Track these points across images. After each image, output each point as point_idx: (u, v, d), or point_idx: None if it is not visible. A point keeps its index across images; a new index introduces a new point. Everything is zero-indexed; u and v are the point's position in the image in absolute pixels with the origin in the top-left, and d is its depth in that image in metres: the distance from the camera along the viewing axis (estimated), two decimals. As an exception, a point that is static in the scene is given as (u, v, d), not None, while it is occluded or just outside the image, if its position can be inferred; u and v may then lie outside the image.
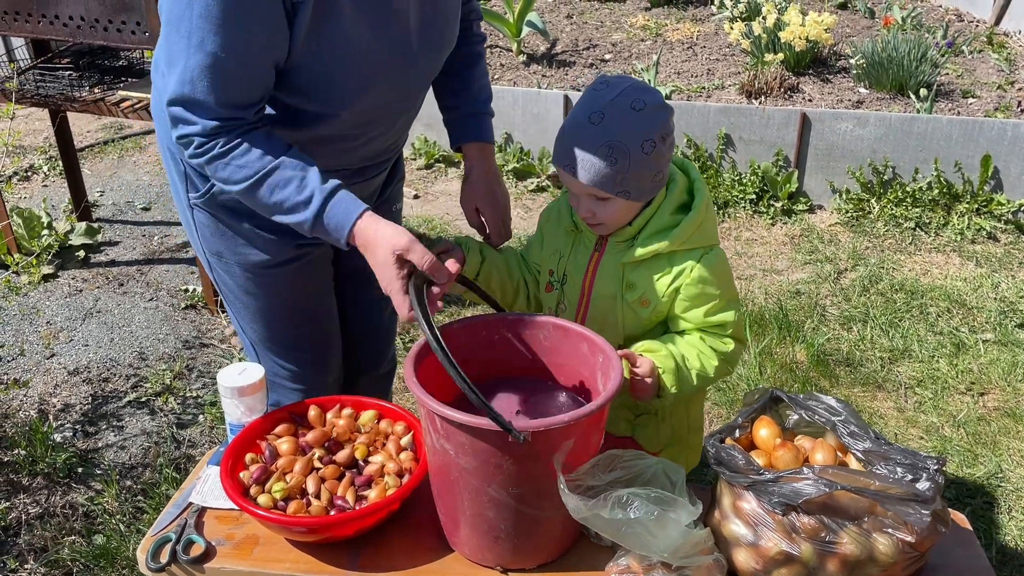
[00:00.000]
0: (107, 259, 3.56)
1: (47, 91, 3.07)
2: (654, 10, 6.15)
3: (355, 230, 1.40)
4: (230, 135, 1.38)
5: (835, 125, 3.72)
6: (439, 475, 1.38)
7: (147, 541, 1.46)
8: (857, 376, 2.79)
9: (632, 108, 1.43)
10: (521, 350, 1.54)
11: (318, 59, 1.41)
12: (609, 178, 1.45)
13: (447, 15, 1.58)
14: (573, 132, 1.47)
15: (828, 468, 1.28)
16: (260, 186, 1.40)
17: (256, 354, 1.83)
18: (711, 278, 1.52)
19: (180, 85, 1.35)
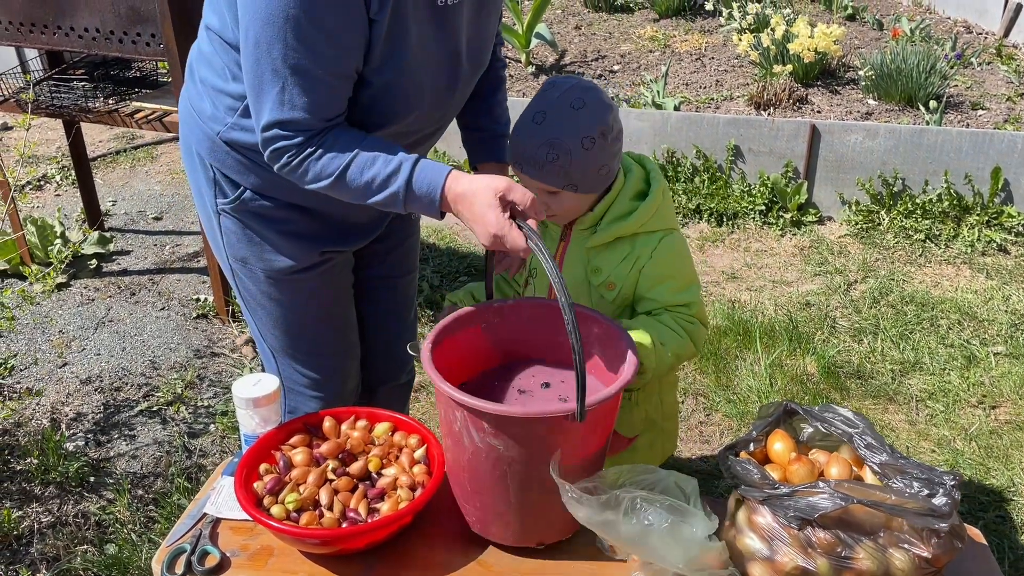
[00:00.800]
0: (119, 268, 3.58)
1: (62, 102, 3.10)
2: (662, 21, 6.16)
3: (448, 183, 1.41)
4: (321, 136, 1.43)
5: (844, 137, 3.72)
6: (480, 472, 1.39)
7: (162, 552, 1.46)
8: (868, 388, 2.78)
9: (571, 107, 1.51)
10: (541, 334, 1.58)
11: (380, 74, 1.44)
12: (553, 173, 1.53)
13: (488, 37, 1.62)
14: (520, 132, 1.56)
15: (844, 482, 1.28)
16: (349, 170, 1.43)
17: (275, 361, 1.83)
18: (672, 258, 1.61)
19: (278, 109, 1.38)
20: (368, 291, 1.88)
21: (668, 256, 1.61)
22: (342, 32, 1.35)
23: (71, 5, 2.82)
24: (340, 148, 1.42)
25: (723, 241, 3.69)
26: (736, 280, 3.43)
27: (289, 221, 1.65)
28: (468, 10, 1.52)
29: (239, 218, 1.65)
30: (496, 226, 1.37)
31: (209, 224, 1.70)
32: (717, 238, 3.71)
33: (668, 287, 1.61)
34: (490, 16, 1.60)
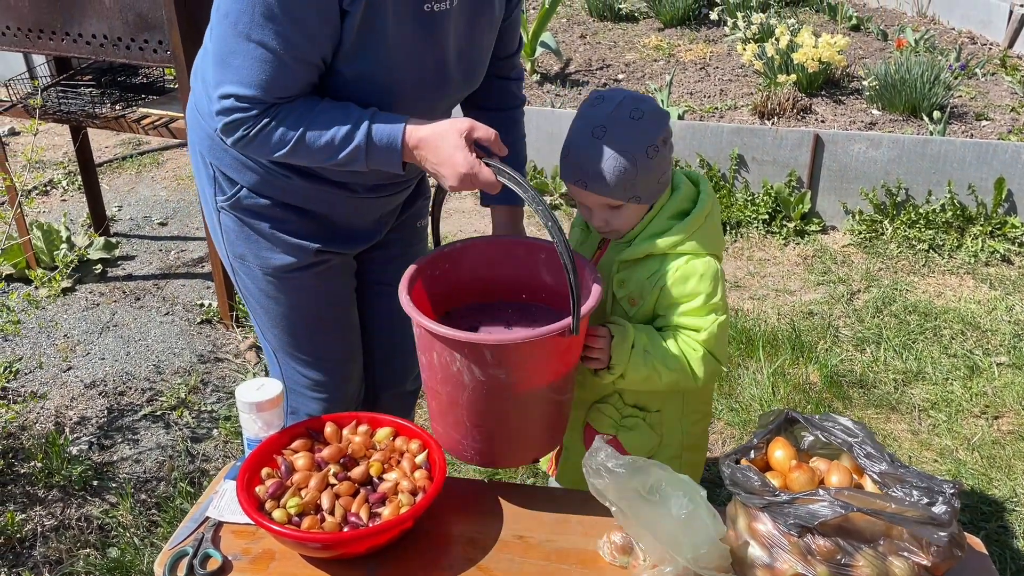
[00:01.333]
0: (124, 273, 3.59)
1: (69, 107, 3.12)
2: (667, 31, 6.18)
3: (408, 130, 1.43)
4: (276, 109, 1.44)
5: (848, 146, 3.73)
6: (481, 405, 1.45)
7: (164, 555, 1.47)
8: (870, 398, 2.78)
9: (631, 118, 1.50)
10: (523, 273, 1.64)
11: (354, 66, 1.45)
12: (620, 187, 1.52)
13: (482, 50, 1.62)
14: (579, 148, 1.53)
15: (844, 490, 1.29)
16: (308, 134, 1.44)
17: (277, 360, 1.85)
18: (695, 282, 1.56)
19: (237, 83, 1.41)
20: (368, 297, 1.89)
21: (691, 279, 1.56)
22: (310, 19, 1.36)
23: (80, 11, 2.84)
24: (297, 116, 1.44)
25: (726, 250, 3.70)
26: (739, 289, 3.43)
27: (285, 220, 1.66)
28: (459, 20, 1.52)
29: (237, 215, 1.67)
30: (466, 165, 1.40)
31: (211, 222, 1.73)
32: (720, 247, 3.72)
33: (683, 308, 1.57)
34: (484, 31, 1.60)
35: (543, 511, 1.56)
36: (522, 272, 1.65)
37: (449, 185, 1.44)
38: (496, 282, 1.65)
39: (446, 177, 1.43)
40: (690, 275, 1.56)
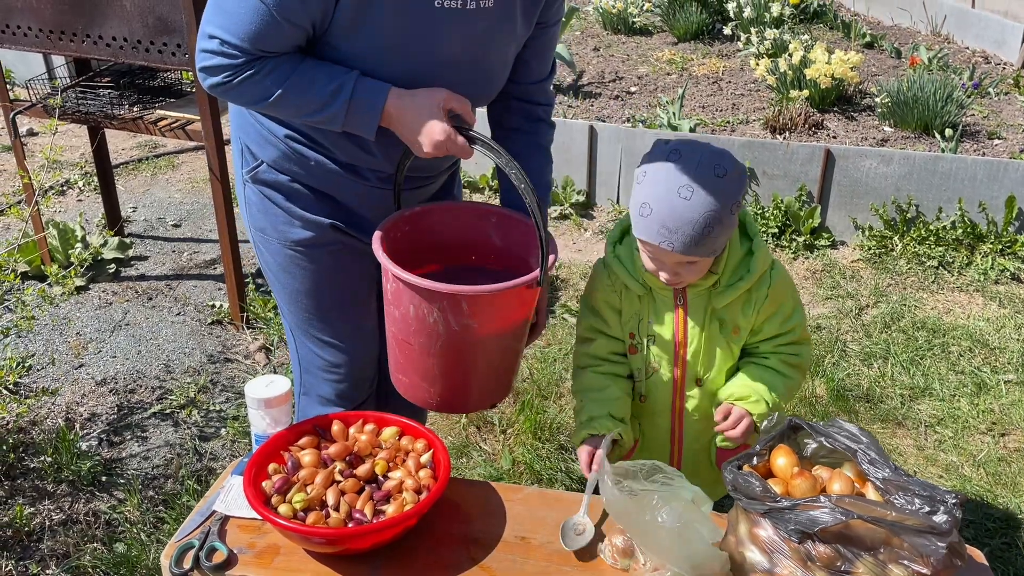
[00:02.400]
0: (137, 273, 3.63)
1: (88, 108, 3.16)
2: (680, 45, 6.21)
3: (390, 99, 1.48)
4: (262, 61, 1.47)
5: (859, 162, 3.74)
6: (451, 354, 1.56)
7: (171, 547, 1.49)
8: (877, 412, 2.78)
9: (716, 175, 1.50)
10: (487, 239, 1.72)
11: (349, 44, 1.48)
12: (705, 245, 1.53)
13: (499, 62, 1.62)
14: (665, 208, 1.51)
15: (845, 497, 1.29)
16: (290, 89, 1.48)
17: (293, 338, 1.88)
18: (782, 289, 1.66)
19: (217, 25, 1.44)
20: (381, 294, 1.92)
21: (779, 288, 1.66)
22: None
23: (100, 14, 2.88)
24: (281, 71, 1.47)
25: (735, 262, 3.71)
26: (747, 301, 3.44)
27: (301, 196, 1.70)
28: (475, 26, 1.52)
29: (259, 188, 1.72)
30: (443, 133, 1.47)
31: (240, 196, 1.79)
32: (729, 259, 3.72)
33: (777, 318, 1.67)
34: (502, 44, 1.58)
35: (546, 513, 1.58)
36: (473, 235, 1.73)
37: (425, 151, 1.51)
38: (450, 244, 1.74)
39: (422, 144, 1.50)
40: (778, 288, 1.65)
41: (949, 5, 6.20)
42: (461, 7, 1.48)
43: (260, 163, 1.70)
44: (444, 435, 2.68)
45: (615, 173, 4.16)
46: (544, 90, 1.77)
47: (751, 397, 1.66)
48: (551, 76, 1.77)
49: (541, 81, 1.75)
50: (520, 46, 1.65)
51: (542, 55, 1.71)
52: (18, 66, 5.25)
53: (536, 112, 1.78)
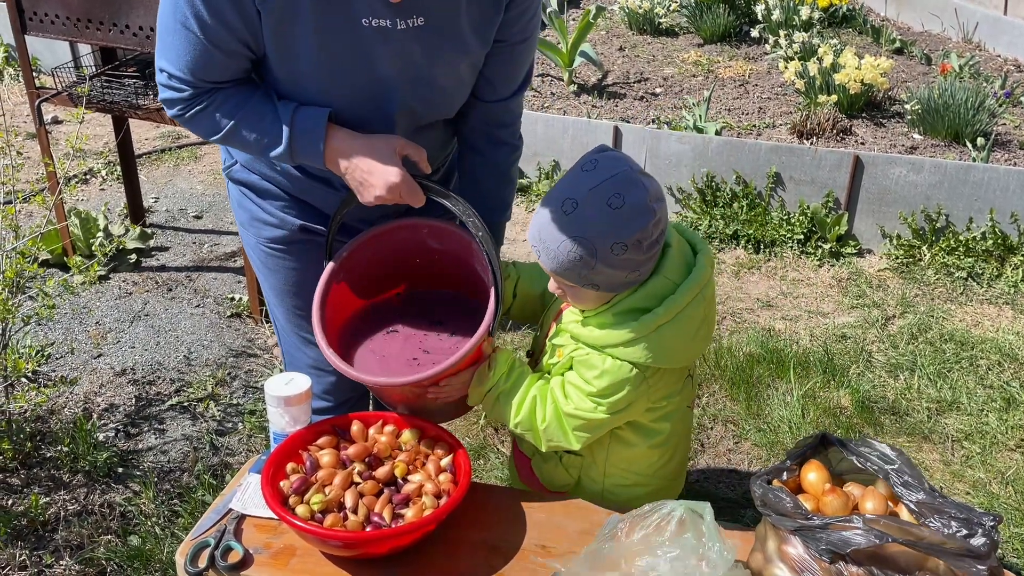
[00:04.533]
0: (157, 264, 3.62)
1: (113, 97, 3.16)
2: (707, 47, 6.15)
3: (330, 131, 1.46)
4: (210, 95, 1.47)
5: (888, 169, 3.67)
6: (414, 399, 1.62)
7: (186, 545, 1.47)
8: (903, 425, 2.73)
9: (608, 204, 1.36)
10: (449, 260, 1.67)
11: (284, 69, 1.46)
12: (573, 272, 1.42)
13: (449, 78, 1.54)
14: (544, 215, 1.42)
15: (880, 518, 1.25)
16: (239, 128, 1.48)
17: (279, 332, 1.89)
18: (594, 374, 1.47)
19: (164, 58, 1.45)
20: None
21: (593, 370, 1.47)
22: (225, 8, 1.37)
23: (127, 3, 2.88)
24: (231, 105, 1.47)
25: (759, 268, 3.66)
26: (771, 308, 3.39)
27: (271, 196, 1.71)
28: (410, 43, 1.45)
29: (236, 184, 1.74)
30: (398, 175, 1.45)
31: (228, 191, 1.81)
32: (753, 265, 3.67)
33: (574, 379, 1.51)
34: (449, 62, 1.51)
35: (567, 522, 1.54)
36: (413, 248, 1.67)
37: (375, 195, 1.47)
38: (397, 265, 1.70)
39: (374, 186, 1.46)
40: (594, 366, 1.47)
41: (981, 12, 6.11)
42: (391, 26, 1.42)
43: (235, 162, 1.72)
44: (461, 436, 2.65)
45: (639, 175, 4.12)
46: (508, 109, 1.68)
47: (489, 369, 1.55)
48: (520, 92, 1.67)
49: (505, 99, 1.65)
50: (478, 64, 1.57)
51: (506, 73, 1.61)
52: (44, 54, 5.27)
53: (497, 135, 1.70)
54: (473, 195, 1.74)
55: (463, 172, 1.77)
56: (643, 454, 1.62)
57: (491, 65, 1.58)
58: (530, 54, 1.62)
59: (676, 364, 1.51)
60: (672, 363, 1.50)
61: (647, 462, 1.64)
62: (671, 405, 1.59)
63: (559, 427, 1.53)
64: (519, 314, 1.77)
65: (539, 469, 1.69)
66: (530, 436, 1.57)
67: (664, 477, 1.68)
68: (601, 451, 1.61)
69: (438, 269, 1.67)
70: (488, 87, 1.62)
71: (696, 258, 1.52)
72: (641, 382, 1.48)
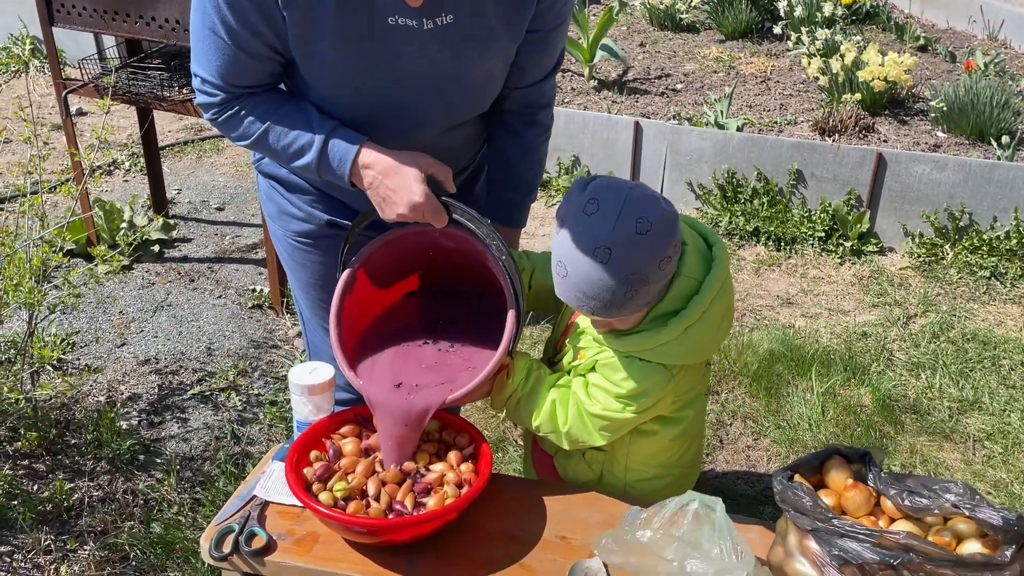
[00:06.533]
0: (180, 255, 3.66)
1: (138, 89, 3.19)
2: (728, 43, 6.12)
3: (360, 159, 1.45)
4: (242, 100, 1.48)
5: (912, 167, 3.65)
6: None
7: (211, 530, 1.49)
8: (924, 425, 2.71)
9: (638, 233, 1.34)
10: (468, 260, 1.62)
11: (310, 70, 1.46)
12: (628, 307, 1.40)
13: (480, 74, 1.53)
14: (580, 272, 1.36)
15: (901, 533, 1.24)
16: (268, 135, 1.49)
17: (304, 323, 1.90)
18: (622, 377, 1.47)
19: (196, 63, 1.47)
20: None
21: (620, 373, 1.47)
22: (250, 12, 1.37)
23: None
24: (263, 111, 1.48)
25: (780, 265, 3.64)
26: (791, 306, 3.37)
27: (300, 190, 1.71)
28: (434, 43, 1.44)
29: (265, 176, 1.75)
30: (422, 195, 1.42)
31: (257, 183, 1.82)
32: (774, 262, 3.66)
33: (600, 381, 1.51)
34: (478, 57, 1.49)
35: (587, 514, 1.55)
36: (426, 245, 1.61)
37: (397, 212, 1.46)
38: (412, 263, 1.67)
39: (397, 204, 1.45)
40: (621, 369, 1.47)
41: (1007, 10, 6.04)
42: (417, 26, 1.40)
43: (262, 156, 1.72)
44: (480, 427, 2.65)
45: (659, 170, 4.11)
46: (541, 91, 1.67)
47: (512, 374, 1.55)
48: (553, 74, 1.65)
49: (540, 82, 1.64)
50: (509, 57, 1.55)
51: (539, 60, 1.60)
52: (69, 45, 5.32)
53: (530, 116, 1.69)
54: (502, 174, 1.75)
55: (493, 151, 1.75)
56: (665, 445, 1.63)
57: (523, 54, 1.56)
58: (563, 38, 1.60)
59: (702, 359, 1.52)
60: (699, 359, 1.51)
61: (668, 453, 1.65)
62: (692, 393, 1.61)
63: (583, 427, 1.54)
64: (533, 305, 1.76)
65: (561, 466, 1.70)
66: (553, 437, 1.58)
67: (684, 466, 1.70)
68: (623, 446, 1.61)
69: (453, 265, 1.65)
70: (519, 74, 1.60)
71: (712, 251, 1.52)
72: (668, 380, 1.49)
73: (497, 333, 1.51)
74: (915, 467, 2.54)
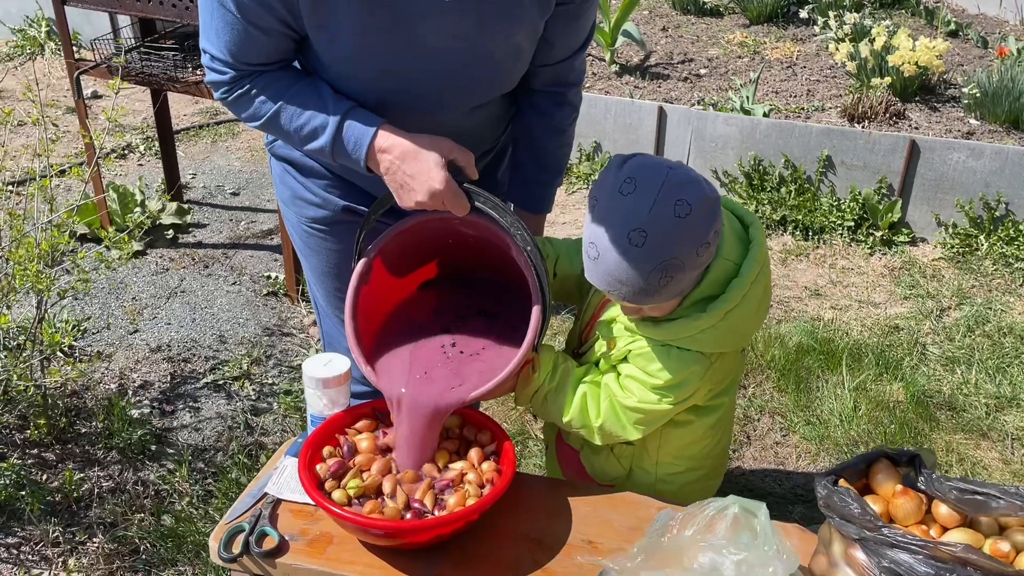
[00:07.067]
0: (194, 240, 3.60)
1: (151, 70, 3.12)
2: (753, 27, 5.99)
3: (377, 141, 1.37)
4: (252, 79, 1.41)
5: (946, 155, 3.53)
6: None
7: (220, 529, 1.42)
8: (959, 422, 2.61)
9: (676, 216, 1.26)
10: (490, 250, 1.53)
11: (325, 42, 1.38)
12: (662, 294, 1.32)
13: (505, 50, 1.44)
14: (612, 256, 1.28)
15: (957, 544, 1.15)
16: (280, 116, 1.41)
17: (319, 312, 1.83)
18: (657, 367, 1.40)
19: (205, 38, 1.39)
20: None
21: (656, 363, 1.40)
22: None
23: (167, -25, 2.83)
24: (274, 91, 1.40)
25: (807, 256, 3.54)
26: (820, 297, 3.27)
27: (315, 174, 1.63)
28: (457, 14, 1.34)
29: (278, 160, 1.67)
30: (443, 182, 1.34)
31: (271, 167, 1.74)
32: (801, 252, 3.55)
33: (634, 372, 1.44)
34: (503, 31, 1.40)
35: (614, 516, 1.47)
36: (445, 232, 1.51)
37: (415, 200, 1.37)
38: (430, 251, 1.59)
39: (415, 191, 1.36)
40: (657, 359, 1.40)
41: (1042, -7, 5.86)
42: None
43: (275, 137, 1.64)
44: (500, 421, 2.58)
45: (683, 157, 4.01)
46: (571, 67, 1.57)
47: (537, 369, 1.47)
48: (583, 49, 1.56)
49: (570, 58, 1.55)
50: (538, 31, 1.46)
51: (568, 34, 1.51)
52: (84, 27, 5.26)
53: (562, 96, 1.61)
54: (528, 157, 1.67)
55: (519, 131, 1.66)
56: (699, 436, 1.56)
57: (553, 28, 1.47)
58: (594, 10, 1.52)
59: (741, 345, 1.46)
60: (739, 345, 1.45)
61: (701, 444, 1.58)
62: (728, 379, 1.54)
63: (616, 421, 1.46)
64: (556, 295, 1.69)
65: (589, 462, 1.62)
66: (584, 432, 1.50)
67: (715, 457, 1.64)
68: (655, 438, 1.54)
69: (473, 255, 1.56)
70: (548, 49, 1.51)
71: (749, 232, 1.44)
72: (707, 369, 1.42)
73: (521, 326, 1.43)
74: (951, 466, 2.45)
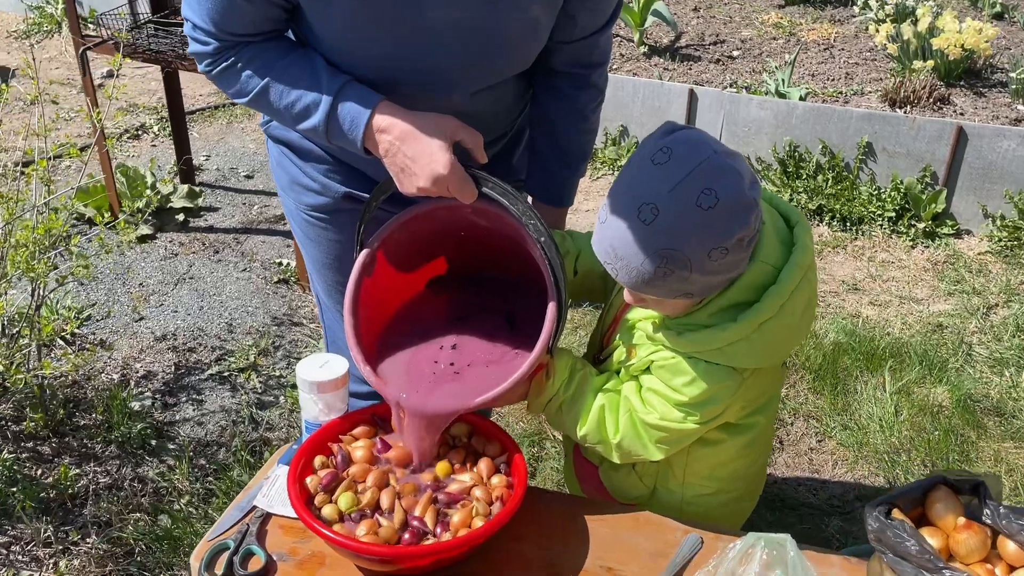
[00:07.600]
0: (205, 224, 3.49)
1: (159, 47, 3.00)
2: (788, 8, 5.76)
3: (376, 113, 1.24)
4: (237, 50, 1.28)
5: (996, 143, 3.32)
6: None
7: (203, 547, 1.30)
8: (1009, 429, 2.44)
9: (698, 206, 1.11)
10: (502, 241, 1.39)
11: (313, 14, 1.25)
12: (663, 287, 1.17)
13: (516, 24, 1.29)
14: (616, 226, 1.15)
15: None
16: (269, 91, 1.29)
17: (320, 303, 1.72)
18: (683, 381, 1.25)
19: (187, 4, 1.27)
20: None
21: (681, 377, 1.25)
22: None
23: (175, -54, 2.70)
24: (262, 63, 1.28)
25: (845, 248, 3.36)
26: (858, 292, 3.10)
27: (313, 157, 1.50)
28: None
29: (275, 142, 1.55)
30: (447, 166, 1.20)
31: (268, 149, 1.63)
32: (839, 244, 3.37)
33: (657, 386, 1.30)
34: (511, 5, 1.26)
35: (637, 539, 1.33)
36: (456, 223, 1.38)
37: (417, 185, 1.23)
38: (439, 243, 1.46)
39: (417, 175, 1.23)
40: (683, 372, 1.25)
41: (1096, -27, 5.58)
42: None
43: (270, 118, 1.52)
44: (515, 421, 2.45)
45: (714, 143, 3.83)
46: (596, 45, 1.42)
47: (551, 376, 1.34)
48: (609, 25, 1.40)
49: (594, 34, 1.39)
50: (558, 3, 1.31)
51: (593, 7, 1.35)
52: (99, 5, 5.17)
53: (585, 78, 1.45)
54: (547, 144, 1.53)
55: (537, 116, 1.52)
56: (731, 456, 1.41)
57: (574, 1, 1.31)
58: None
59: (780, 360, 1.29)
60: (776, 360, 1.27)
61: (733, 465, 1.43)
62: (764, 397, 1.37)
63: (636, 438, 1.32)
64: (578, 292, 1.55)
65: (608, 478, 1.48)
66: (601, 448, 1.36)
67: (748, 479, 1.49)
68: (681, 457, 1.39)
69: (486, 249, 1.42)
70: (570, 24, 1.35)
71: (794, 233, 1.28)
72: (739, 386, 1.26)
73: (535, 327, 1.29)
74: (1000, 477, 2.27)
